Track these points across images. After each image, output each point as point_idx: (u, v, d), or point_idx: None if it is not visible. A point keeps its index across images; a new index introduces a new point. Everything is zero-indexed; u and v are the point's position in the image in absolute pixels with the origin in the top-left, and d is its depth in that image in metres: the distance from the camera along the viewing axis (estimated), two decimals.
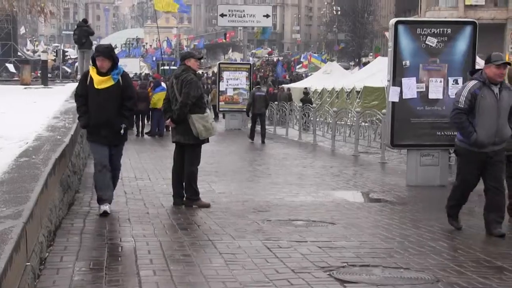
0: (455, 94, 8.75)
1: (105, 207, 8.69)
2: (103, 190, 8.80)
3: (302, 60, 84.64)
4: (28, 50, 66.67)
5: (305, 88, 37.44)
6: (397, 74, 12.48)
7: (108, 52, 8.79)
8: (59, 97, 17.48)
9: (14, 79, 29.55)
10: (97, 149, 8.96)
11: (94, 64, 8.77)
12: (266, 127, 23.80)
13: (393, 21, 13.06)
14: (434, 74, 12.51)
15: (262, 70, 68.02)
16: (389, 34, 13.08)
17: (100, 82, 8.68)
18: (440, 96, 12.53)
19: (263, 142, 22.02)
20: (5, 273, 4.04)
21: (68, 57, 59.93)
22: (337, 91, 37.26)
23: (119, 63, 9.07)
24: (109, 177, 8.91)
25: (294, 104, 29.44)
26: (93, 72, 8.79)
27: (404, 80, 12.47)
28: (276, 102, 30.73)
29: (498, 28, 66.36)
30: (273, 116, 28.47)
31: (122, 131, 8.86)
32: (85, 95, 8.85)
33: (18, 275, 4.70)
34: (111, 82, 8.71)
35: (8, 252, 4.30)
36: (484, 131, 7.94)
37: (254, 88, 24.63)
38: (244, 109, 25.68)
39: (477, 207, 9.38)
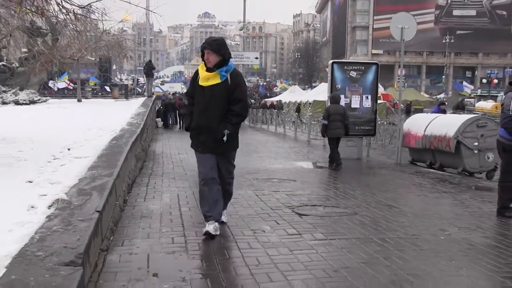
0: (503, 105, 6.03)
1: (210, 226, 4.60)
2: (207, 206, 4.69)
3: (277, 84, 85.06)
4: (117, 78, 66.20)
5: (279, 101, 37.73)
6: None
7: (216, 46, 4.60)
8: (134, 106, 17.42)
9: (109, 95, 29.80)
10: (199, 159, 4.81)
11: (204, 59, 4.70)
12: (255, 124, 24.63)
13: (330, 61, 13.05)
14: (354, 93, 12.54)
15: (252, 91, 68.07)
16: (328, 69, 13.07)
17: (206, 79, 4.65)
18: (358, 106, 12.59)
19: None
20: (104, 208, 4.08)
21: (140, 82, 59.63)
22: (298, 103, 37.22)
23: (229, 63, 4.71)
24: (217, 191, 4.75)
25: (273, 111, 29.42)
26: (201, 68, 4.74)
27: None
28: (271, 109, 30.95)
29: (390, 67, 68.50)
30: (262, 117, 28.35)
31: (225, 138, 4.71)
32: (193, 95, 4.84)
33: (111, 209, 4.71)
34: (217, 80, 4.62)
35: (106, 196, 4.33)
36: None
37: None
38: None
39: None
